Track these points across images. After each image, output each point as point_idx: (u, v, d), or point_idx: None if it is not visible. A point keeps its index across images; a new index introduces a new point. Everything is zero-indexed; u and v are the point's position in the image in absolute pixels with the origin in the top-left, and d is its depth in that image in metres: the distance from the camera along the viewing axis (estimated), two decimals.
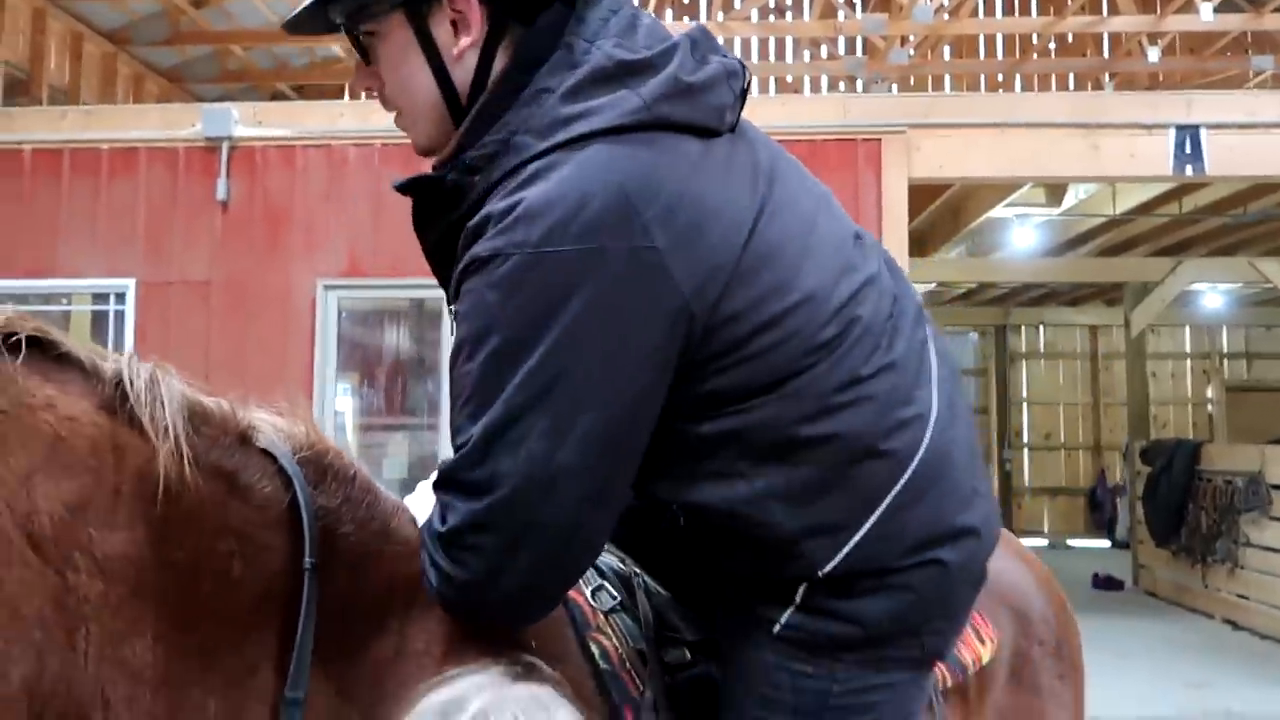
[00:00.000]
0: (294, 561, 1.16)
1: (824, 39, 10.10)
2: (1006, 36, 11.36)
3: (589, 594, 1.32)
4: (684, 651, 1.32)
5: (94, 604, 1.04)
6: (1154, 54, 8.94)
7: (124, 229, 6.12)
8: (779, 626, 1.22)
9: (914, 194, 6.49)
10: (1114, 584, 10.23)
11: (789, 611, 1.21)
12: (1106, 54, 10.40)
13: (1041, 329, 14.77)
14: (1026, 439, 14.58)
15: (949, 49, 10.48)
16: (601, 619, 1.29)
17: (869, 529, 1.16)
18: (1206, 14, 7.84)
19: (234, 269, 6.12)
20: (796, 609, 1.21)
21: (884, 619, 1.19)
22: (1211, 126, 6.24)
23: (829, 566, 1.17)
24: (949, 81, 9.73)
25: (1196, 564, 8.85)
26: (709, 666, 1.32)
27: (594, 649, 1.28)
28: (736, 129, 1.22)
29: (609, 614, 1.31)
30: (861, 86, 7.73)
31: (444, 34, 1.19)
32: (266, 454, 1.18)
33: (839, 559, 1.17)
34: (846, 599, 1.19)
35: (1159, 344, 14.16)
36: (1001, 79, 9.92)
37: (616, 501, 1.15)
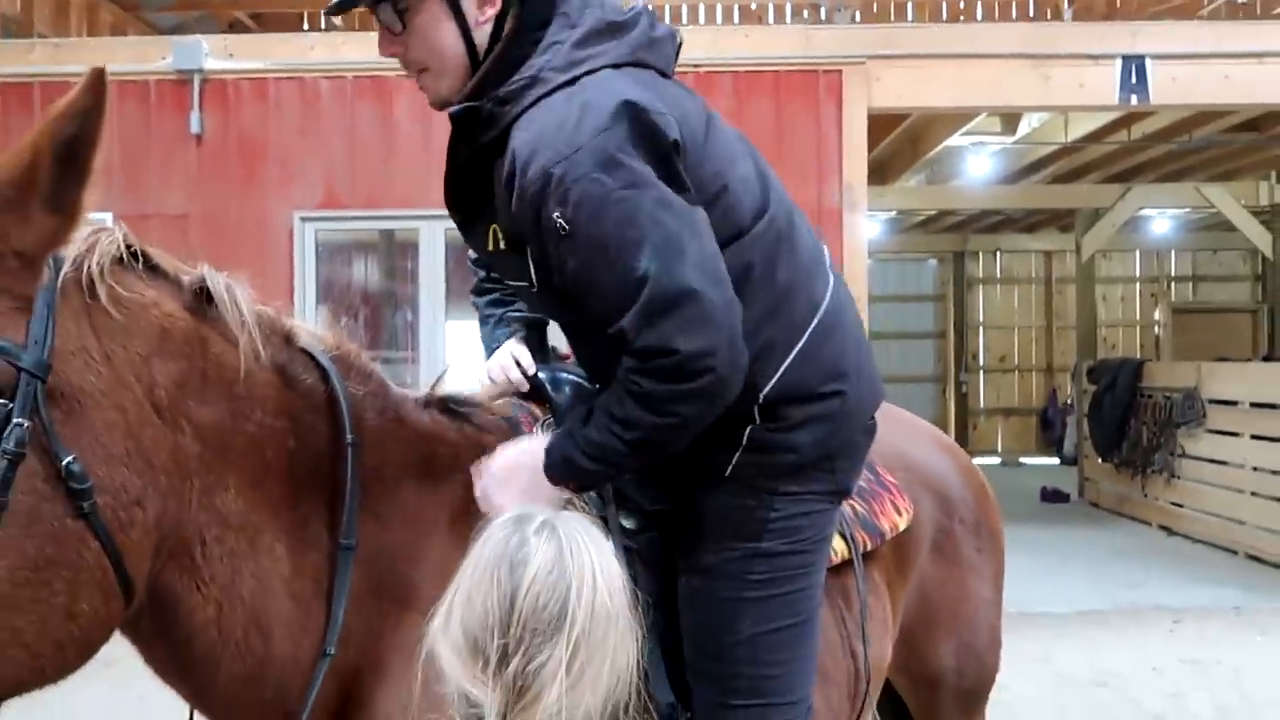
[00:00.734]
0: (332, 441, 1.48)
1: None
2: None
3: None
4: (638, 518, 1.65)
5: (195, 461, 1.37)
6: None
7: (98, 162, 6.18)
8: (730, 468, 1.58)
9: (874, 123, 6.70)
10: (1060, 497, 10.76)
11: (738, 453, 1.57)
12: None
13: (998, 255, 15.13)
14: (983, 362, 15.05)
15: None
16: (569, 492, 1.58)
17: (796, 353, 1.56)
18: None
19: (211, 202, 6.25)
20: (744, 450, 1.57)
21: (811, 447, 1.58)
22: (1156, 57, 6.47)
23: (768, 387, 1.54)
24: (910, 9, 9.85)
25: (1136, 475, 9.35)
26: (659, 532, 1.65)
27: None
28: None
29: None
30: (825, 14, 7.83)
31: (471, 6, 1.53)
32: (305, 352, 1.50)
33: (776, 379, 1.54)
34: (784, 433, 1.57)
35: (1110, 268, 14.58)
36: (963, 5, 10.03)
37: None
